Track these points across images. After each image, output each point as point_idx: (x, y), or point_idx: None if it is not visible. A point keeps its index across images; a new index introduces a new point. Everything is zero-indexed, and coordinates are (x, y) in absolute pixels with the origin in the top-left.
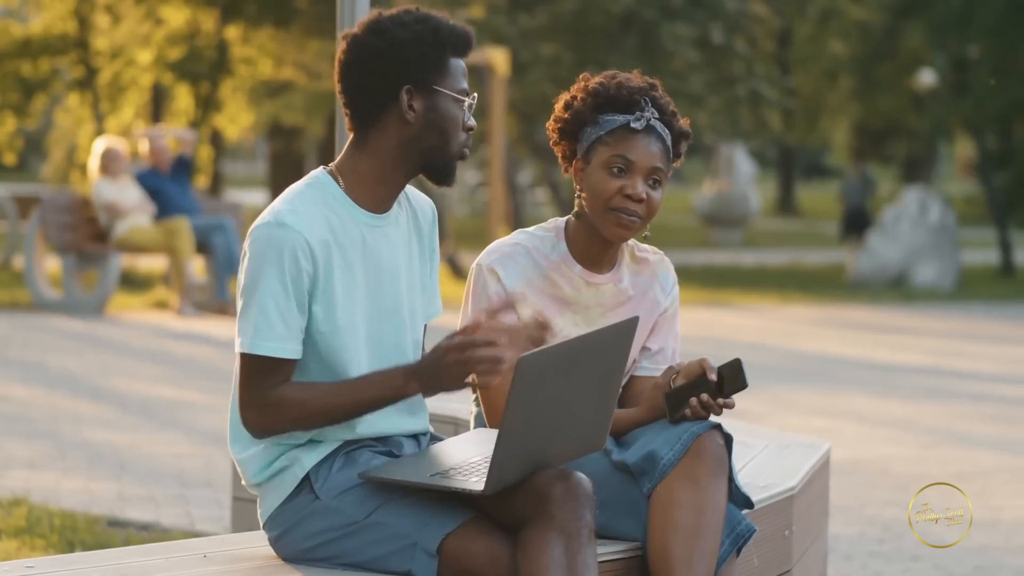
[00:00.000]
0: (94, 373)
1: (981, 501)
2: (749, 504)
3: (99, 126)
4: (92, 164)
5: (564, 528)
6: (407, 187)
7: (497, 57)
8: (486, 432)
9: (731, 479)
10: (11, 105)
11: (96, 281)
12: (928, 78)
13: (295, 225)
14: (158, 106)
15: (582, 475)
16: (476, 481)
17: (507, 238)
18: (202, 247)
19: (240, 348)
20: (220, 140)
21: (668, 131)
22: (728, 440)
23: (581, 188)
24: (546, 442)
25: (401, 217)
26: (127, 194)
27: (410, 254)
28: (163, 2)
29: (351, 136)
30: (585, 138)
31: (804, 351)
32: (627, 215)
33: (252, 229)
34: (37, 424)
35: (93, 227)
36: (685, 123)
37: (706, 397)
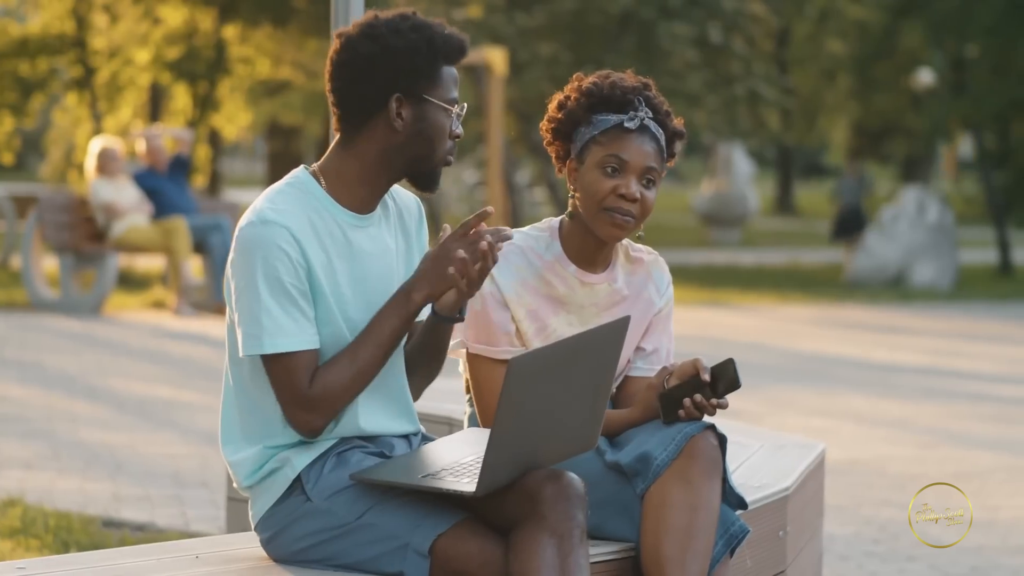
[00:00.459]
0: (91, 373)
1: (978, 501)
2: (743, 505)
3: (97, 125)
4: (89, 164)
5: (556, 529)
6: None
7: (495, 57)
8: (478, 432)
9: (725, 480)
10: (9, 105)
11: (93, 281)
12: (926, 77)
13: (278, 220)
14: (156, 105)
15: (573, 475)
16: (468, 482)
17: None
18: (199, 247)
19: (250, 351)
20: (218, 139)
21: (662, 131)
22: (722, 441)
23: (575, 188)
24: (538, 443)
25: (386, 217)
26: (124, 194)
27: (396, 253)
28: (161, 1)
29: (337, 136)
30: (579, 138)
31: (802, 351)
32: (621, 215)
33: (237, 232)
34: (33, 424)
35: (90, 227)
36: (679, 123)
37: (699, 397)
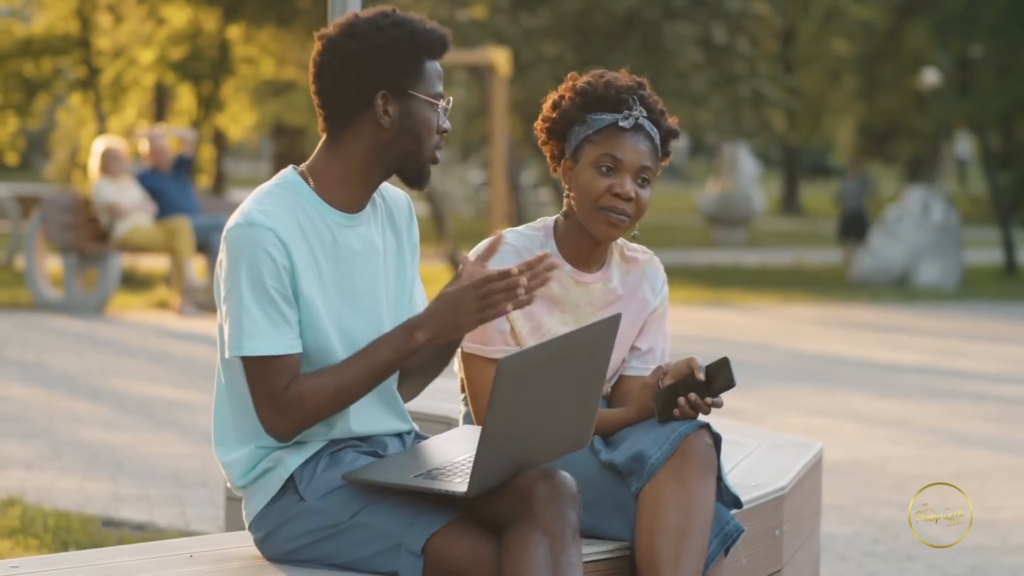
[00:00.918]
0: (93, 373)
1: (978, 501)
2: (738, 504)
3: (101, 126)
4: (92, 164)
5: (548, 528)
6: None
7: (498, 57)
8: (471, 429)
9: (720, 479)
10: (13, 105)
11: (97, 281)
12: (931, 77)
13: (265, 222)
14: (161, 106)
15: (565, 474)
16: (459, 482)
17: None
18: (203, 247)
19: (232, 352)
20: (223, 140)
21: (656, 129)
22: (717, 440)
23: (569, 187)
24: (530, 442)
25: (375, 215)
26: (127, 194)
27: (386, 251)
28: (165, 2)
29: (323, 136)
30: (573, 137)
31: (805, 351)
32: (616, 214)
33: (224, 232)
34: (34, 424)
35: (94, 227)
36: (673, 121)
37: (694, 396)
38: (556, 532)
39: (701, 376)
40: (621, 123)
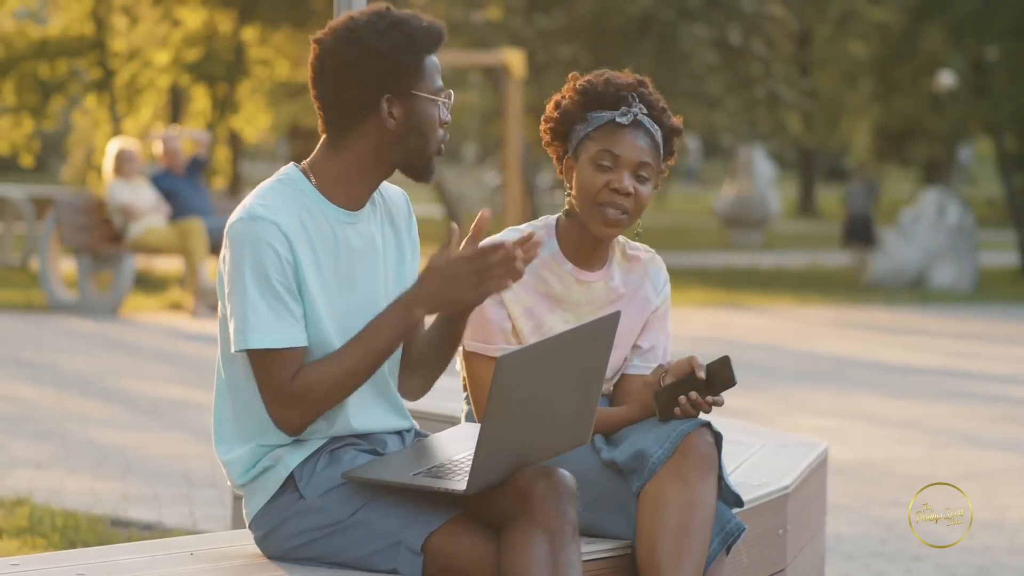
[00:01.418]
0: (105, 374)
1: (986, 501)
2: (739, 502)
3: (116, 127)
4: (106, 165)
5: (547, 526)
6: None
7: (513, 58)
8: (471, 427)
9: (721, 477)
10: (28, 107)
11: (111, 282)
12: (947, 79)
13: (267, 216)
14: (176, 108)
15: (564, 472)
16: (459, 481)
17: (497, 236)
18: (216, 248)
19: (237, 346)
20: (238, 141)
21: (658, 127)
22: (718, 438)
23: (570, 185)
24: (529, 440)
25: (375, 213)
26: (141, 195)
27: (385, 249)
28: (180, 3)
29: (324, 136)
30: (574, 136)
31: (817, 352)
32: (613, 209)
33: (227, 228)
34: (44, 424)
35: (108, 228)
36: (678, 120)
37: (695, 395)
38: (555, 530)
39: (702, 375)
40: (618, 119)
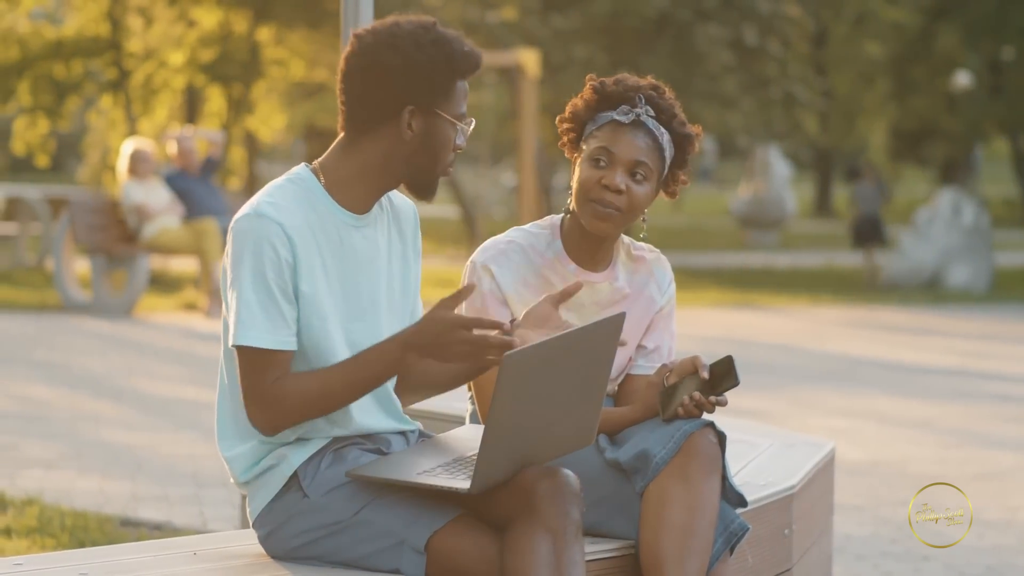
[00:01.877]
0: (117, 374)
1: (997, 501)
2: (743, 502)
3: (132, 128)
4: (120, 166)
5: (550, 525)
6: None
7: (528, 59)
8: (474, 428)
9: (724, 477)
10: (44, 107)
11: (125, 283)
12: (963, 79)
13: (273, 215)
14: (191, 108)
15: (568, 472)
16: (463, 480)
17: (502, 235)
18: None
19: (230, 341)
20: (254, 142)
21: (665, 131)
22: (721, 438)
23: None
24: (533, 440)
25: (381, 219)
26: (155, 196)
27: (390, 255)
28: (195, 4)
29: (341, 135)
30: (584, 135)
31: (830, 352)
32: (603, 206)
33: (232, 223)
34: (56, 424)
35: (122, 228)
36: (694, 129)
37: (698, 395)
38: (558, 530)
39: (705, 374)
40: (618, 117)
